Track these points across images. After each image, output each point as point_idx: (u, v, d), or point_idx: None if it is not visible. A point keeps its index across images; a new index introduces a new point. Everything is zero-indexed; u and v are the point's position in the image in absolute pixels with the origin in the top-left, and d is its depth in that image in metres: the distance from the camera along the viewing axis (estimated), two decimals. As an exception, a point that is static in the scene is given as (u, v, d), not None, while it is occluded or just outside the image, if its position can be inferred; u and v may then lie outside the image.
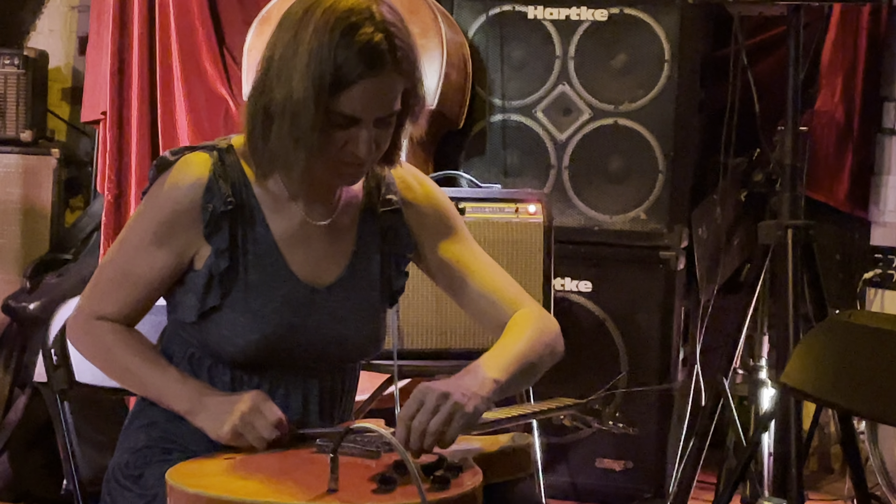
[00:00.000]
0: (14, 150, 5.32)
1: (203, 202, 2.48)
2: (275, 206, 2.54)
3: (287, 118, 2.41)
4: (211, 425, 2.46)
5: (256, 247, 2.52)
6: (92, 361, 2.60)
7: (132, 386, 2.58)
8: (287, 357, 2.54)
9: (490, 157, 4.79)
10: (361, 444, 2.38)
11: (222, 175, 2.50)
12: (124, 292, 2.55)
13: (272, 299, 2.51)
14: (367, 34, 2.39)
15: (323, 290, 2.55)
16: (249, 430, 2.43)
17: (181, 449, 2.52)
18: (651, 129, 4.65)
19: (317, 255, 2.56)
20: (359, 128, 2.43)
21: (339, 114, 2.41)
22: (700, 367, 4.54)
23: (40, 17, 5.74)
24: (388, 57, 2.40)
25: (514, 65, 4.77)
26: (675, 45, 4.61)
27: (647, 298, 4.63)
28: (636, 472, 4.64)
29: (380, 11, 2.42)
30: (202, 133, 4.91)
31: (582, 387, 4.52)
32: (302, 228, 2.55)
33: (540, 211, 3.96)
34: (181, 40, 4.98)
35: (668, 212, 4.66)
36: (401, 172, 2.66)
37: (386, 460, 2.33)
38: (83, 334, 2.59)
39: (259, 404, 2.45)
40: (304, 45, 2.39)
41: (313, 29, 2.39)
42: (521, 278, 3.90)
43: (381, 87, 2.42)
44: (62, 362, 2.76)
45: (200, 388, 2.51)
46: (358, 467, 2.31)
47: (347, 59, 2.38)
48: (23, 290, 5.19)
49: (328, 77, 2.38)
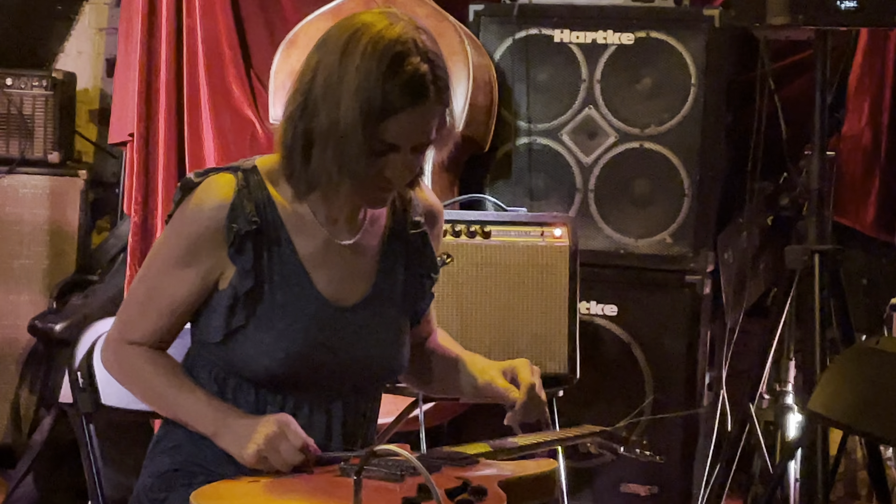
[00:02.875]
0: (42, 172, 5.34)
1: (227, 223, 2.49)
2: (299, 226, 2.55)
3: (332, 144, 2.42)
4: (236, 448, 2.46)
5: (282, 267, 2.53)
6: (124, 386, 2.62)
7: (161, 408, 2.59)
8: (312, 377, 2.54)
9: (515, 180, 4.78)
10: (385, 468, 2.38)
11: (247, 196, 2.51)
12: (153, 316, 2.56)
13: (298, 318, 2.52)
14: (413, 64, 2.41)
15: (348, 309, 2.56)
16: (274, 454, 2.43)
17: (206, 472, 2.52)
18: (677, 152, 4.62)
19: (342, 274, 2.57)
20: (396, 154, 2.45)
21: (380, 141, 2.43)
22: (726, 391, 4.52)
23: (68, 39, 5.76)
24: (432, 88, 2.43)
25: (540, 88, 4.76)
26: (702, 68, 4.59)
27: (672, 322, 4.59)
28: (662, 497, 4.60)
29: (422, 41, 2.45)
30: (229, 155, 4.92)
31: (606, 410, 4.55)
32: (326, 248, 2.56)
33: (566, 234, 3.95)
34: (208, 63, 5.00)
35: (694, 236, 4.62)
36: (423, 195, 2.68)
37: (409, 484, 2.33)
38: (114, 359, 2.61)
39: (284, 428, 2.45)
40: (352, 72, 2.40)
41: (361, 56, 2.41)
42: (546, 302, 3.92)
43: (422, 117, 2.44)
44: (88, 384, 2.76)
45: (226, 411, 2.51)
46: (381, 491, 2.31)
47: (394, 89, 2.40)
48: (49, 311, 5.21)
49: (376, 105, 2.39)
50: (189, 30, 5.01)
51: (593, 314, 4.62)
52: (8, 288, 5.28)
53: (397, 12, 2.49)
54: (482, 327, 3.87)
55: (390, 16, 2.47)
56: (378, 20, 2.45)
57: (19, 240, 5.30)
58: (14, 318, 5.25)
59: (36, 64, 5.59)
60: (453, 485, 2.31)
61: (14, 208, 5.30)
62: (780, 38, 4.47)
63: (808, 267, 3.93)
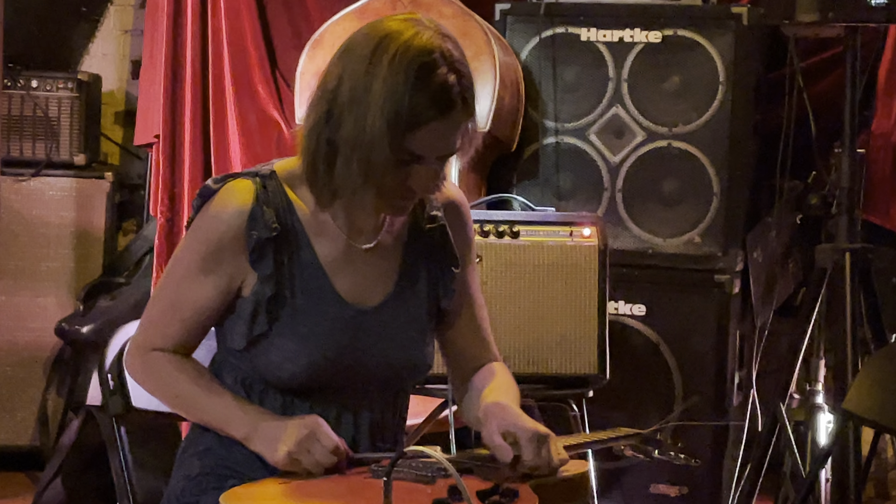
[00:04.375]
0: (68, 174, 5.35)
1: (247, 229, 2.48)
2: (319, 231, 2.53)
3: (357, 154, 2.40)
4: (267, 451, 2.45)
5: (303, 271, 2.51)
6: (150, 392, 2.61)
7: (189, 414, 2.58)
8: (338, 380, 2.53)
9: (543, 179, 4.76)
10: (416, 469, 2.36)
11: (266, 201, 2.50)
12: (176, 323, 2.55)
13: (320, 323, 2.50)
14: (441, 75, 2.39)
15: (370, 311, 2.55)
16: (306, 456, 2.42)
17: (236, 475, 2.51)
18: (705, 151, 4.60)
19: (363, 276, 2.55)
20: (420, 165, 2.43)
21: (405, 151, 2.41)
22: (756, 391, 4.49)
23: (93, 40, 5.77)
24: (459, 99, 2.41)
25: (567, 87, 4.74)
26: (730, 66, 4.57)
27: (701, 322, 4.57)
28: (691, 498, 4.58)
29: (449, 50, 2.42)
30: (254, 156, 4.91)
31: (635, 411, 4.54)
32: (347, 252, 2.54)
33: (595, 234, 3.92)
34: (234, 64, 4.99)
35: (723, 235, 4.60)
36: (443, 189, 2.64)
37: (440, 486, 2.31)
38: (140, 367, 2.60)
39: (316, 429, 2.44)
40: (378, 82, 2.38)
41: (388, 65, 2.38)
42: (575, 302, 3.90)
43: (448, 129, 2.42)
44: (118, 387, 2.75)
45: (257, 414, 2.50)
46: (412, 492, 2.29)
47: (421, 101, 2.38)
48: (76, 314, 5.21)
49: (403, 117, 2.37)
50: (214, 31, 5.00)
51: (621, 314, 4.60)
52: (35, 291, 5.29)
53: (423, 19, 2.46)
54: (510, 328, 3.85)
55: (417, 23, 2.44)
56: (405, 28, 2.42)
57: (46, 242, 5.31)
58: (41, 321, 5.26)
59: (61, 66, 5.60)
60: (484, 486, 2.29)
61: (40, 211, 5.31)
62: (809, 35, 4.44)
63: (839, 266, 3.91)
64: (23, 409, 5.31)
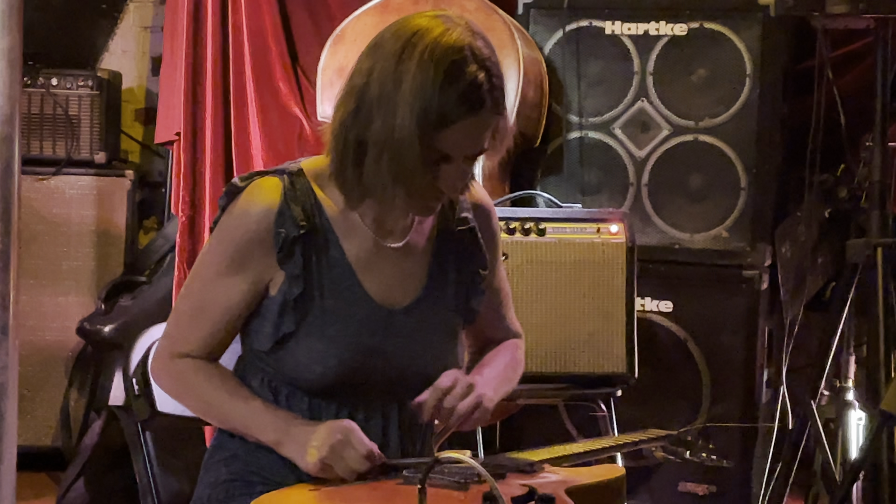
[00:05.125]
0: (88, 172, 5.34)
1: (275, 228, 2.45)
2: (348, 230, 2.51)
3: (387, 153, 2.38)
4: (299, 456, 2.42)
5: (331, 271, 2.48)
6: (178, 400, 2.58)
7: (217, 420, 2.55)
8: (366, 382, 2.50)
9: (567, 175, 4.72)
10: (449, 475, 2.33)
11: (294, 199, 2.47)
12: (203, 327, 2.52)
13: (349, 324, 2.47)
14: (471, 73, 2.36)
15: (400, 312, 2.52)
16: (339, 462, 2.39)
17: (264, 481, 2.49)
18: (732, 145, 4.56)
19: (392, 276, 2.53)
20: (449, 164, 2.41)
21: (434, 150, 2.38)
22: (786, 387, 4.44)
23: (113, 37, 5.76)
24: (489, 97, 2.38)
25: (592, 81, 4.70)
26: (757, 59, 4.52)
27: (729, 318, 4.53)
28: (720, 496, 4.54)
29: (479, 48, 2.40)
30: (276, 153, 4.88)
31: (662, 409, 4.50)
32: (376, 251, 2.52)
33: (622, 230, 3.89)
34: (255, 59, 4.96)
35: (751, 230, 4.56)
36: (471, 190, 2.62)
37: (474, 492, 2.28)
38: (165, 374, 2.57)
39: (349, 435, 2.40)
40: (408, 80, 2.35)
41: (417, 63, 2.36)
42: (602, 300, 3.87)
43: (478, 127, 2.40)
44: (144, 391, 2.73)
45: (287, 419, 2.47)
46: (445, 499, 2.26)
47: (451, 99, 2.35)
48: (97, 313, 5.19)
49: (433, 115, 2.35)
50: (235, 27, 4.97)
51: (648, 310, 4.56)
52: (56, 290, 5.27)
53: (452, 16, 2.44)
54: (537, 326, 3.82)
55: (446, 20, 2.41)
56: (434, 25, 2.40)
57: (66, 241, 5.29)
58: (62, 321, 5.24)
59: (81, 63, 5.58)
60: (519, 492, 2.25)
61: (61, 209, 5.29)
62: (838, 26, 4.38)
63: (871, 261, 3.87)
64: (44, 410, 5.29)
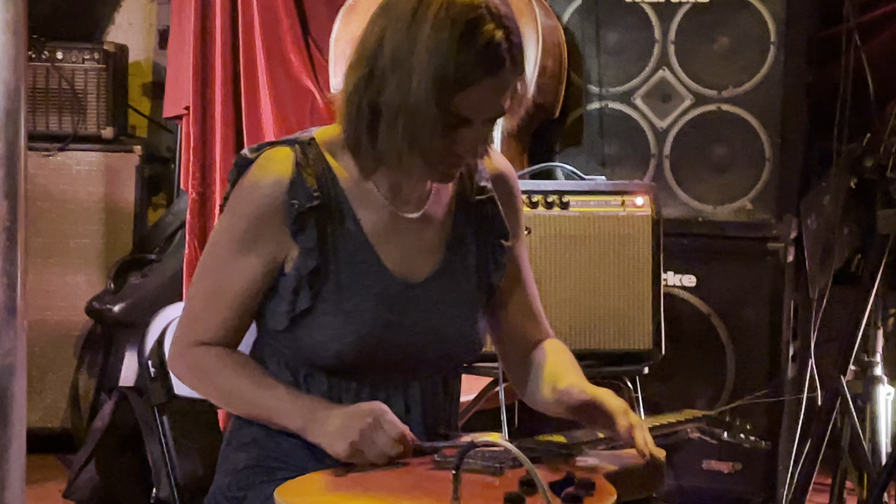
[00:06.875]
0: (95, 148, 5.29)
1: (287, 199, 2.36)
2: (363, 200, 2.42)
3: (402, 118, 2.29)
4: (328, 442, 2.32)
5: (346, 243, 2.39)
6: (195, 389, 2.50)
7: (238, 408, 2.46)
8: (385, 359, 2.41)
9: (587, 146, 4.64)
10: (482, 460, 2.23)
11: (306, 170, 2.38)
12: (221, 309, 2.42)
13: (366, 298, 2.38)
14: (488, 32, 2.27)
15: (418, 285, 2.43)
16: (370, 446, 2.29)
17: (286, 467, 2.40)
18: (757, 114, 4.47)
19: (410, 248, 2.44)
20: (468, 128, 2.32)
21: (452, 114, 2.29)
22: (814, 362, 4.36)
23: (119, 10, 5.71)
24: (507, 56, 2.29)
25: (611, 50, 4.63)
26: (781, 26, 4.43)
27: (754, 292, 4.46)
28: (745, 475, 4.47)
29: (495, 5, 2.30)
30: (288, 127, 4.80)
31: (687, 385, 4.43)
32: (393, 221, 2.43)
33: (647, 203, 3.80)
34: (265, 31, 4.88)
35: (776, 201, 4.48)
36: (490, 158, 2.52)
37: (509, 477, 2.19)
38: (182, 364, 2.47)
39: (380, 418, 2.31)
40: (423, 42, 2.26)
41: (431, 23, 2.26)
42: (628, 274, 3.79)
43: (497, 88, 2.31)
44: (159, 374, 2.63)
45: (313, 404, 2.37)
46: (480, 485, 2.17)
47: (468, 60, 2.26)
48: (107, 292, 5.14)
49: (450, 77, 2.25)
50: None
51: (671, 285, 4.49)
52: (64, 268, 5.22)
53: None
54: (561, 302, 3.74)
55: None
56: None
57: (74, 219, 5.25)
58: (71, 300, 5.19)
59: (86, 37, 5.53)
60: (557, 477, 2.16)
61: (68, 186, 5.24)
62: (864, -10, 4.31)
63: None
64: (54, 391, 5.25)
